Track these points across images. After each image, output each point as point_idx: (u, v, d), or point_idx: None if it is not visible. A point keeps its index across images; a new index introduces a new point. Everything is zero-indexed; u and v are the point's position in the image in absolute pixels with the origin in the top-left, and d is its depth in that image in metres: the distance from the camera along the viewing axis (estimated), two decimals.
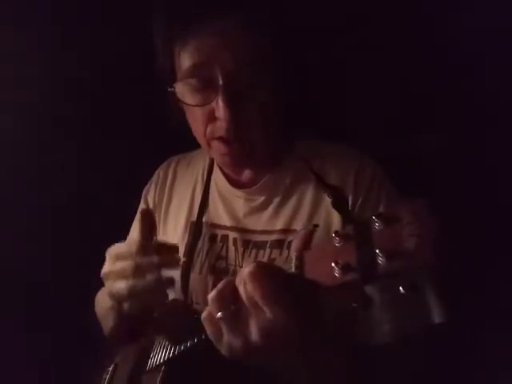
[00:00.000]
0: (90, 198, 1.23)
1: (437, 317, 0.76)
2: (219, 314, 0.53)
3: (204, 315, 0.55)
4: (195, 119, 0.82)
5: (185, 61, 0.77)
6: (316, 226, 0.82)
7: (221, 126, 0.78)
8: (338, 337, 0.57)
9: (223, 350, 0.54)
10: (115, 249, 0.75)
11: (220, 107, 0.75)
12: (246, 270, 0.52)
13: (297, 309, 0.50)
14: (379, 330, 0.76)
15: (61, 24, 1.15)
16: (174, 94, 0.81)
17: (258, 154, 0.84)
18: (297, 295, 0.51)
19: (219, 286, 0.55)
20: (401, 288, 0.43)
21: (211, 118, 0.79)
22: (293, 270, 0.53)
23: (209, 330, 0.55)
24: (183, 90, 0.80)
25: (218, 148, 0.82)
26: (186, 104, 0.81)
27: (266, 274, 0.51)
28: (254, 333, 0.51)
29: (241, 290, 0.52)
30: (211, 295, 0.54)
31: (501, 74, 0.98)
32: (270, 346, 0.51)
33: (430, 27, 1.01)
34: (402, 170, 0.90)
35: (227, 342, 0.53)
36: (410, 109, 1.06)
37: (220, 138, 0.80)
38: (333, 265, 0.47)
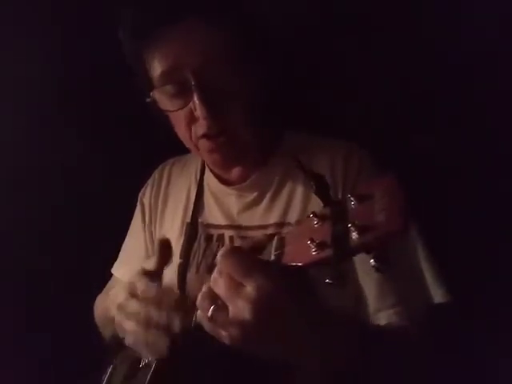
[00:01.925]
0: (89, 198, 1.23)
1: (437, 297, 0.77)
2: (210, 311, 0.54)
3: (199, 317, 0.57)
4: (179, 124, 0.83)
5: (156, 69, 0.79)
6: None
7: (202, 123, 0.79)
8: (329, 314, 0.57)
9: (226, 341, 0.54)
10: (134, 285, 0.71)
11: (197, 106, 0.76)
12: (218, 256, 0.54)
13: (276, 278, 0.51)
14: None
15: (61, 24, 1.15)
16: (153, 103, 0.82)
17: (246, 149, 0.85)
18: (274, 270, 0.52)
19: (202, 290, 0.56)
20: (372, 261, 0.44)
21: (192, 118, 0.80)
22: (273, 250, 0.54)
23: (207, 328, 0.55)
24: (161, 98, 0.81)
25: (205, 146, 0.83)
26: (166, 111, 0.82)
27: (238, 251, 0.54)
28: (244, 312, 0.51)
29: (220, 281, 0.53)
30: (198, 302, 0.56)
31: (501, 73, 0.98)
32: (264, 321, 0.51)
33: (430, 27, 1.01)
34: (403, 170, 0.89)
35: (226, 334, 0.53)
36: (409, 109, 1.06)
37: (204, 136, 0.81)
38: (309, 242, 0.48)
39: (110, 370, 0.87)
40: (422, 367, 0.72)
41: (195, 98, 0.76)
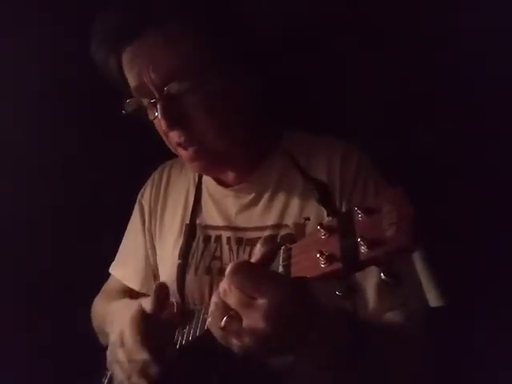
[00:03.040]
0: (89, 198, 1.23)
1: (433, 301, 0.77)
2: (222, 322, 0.54)
3: (209, 324, 0.57)
4: (160, 132, 0.84)
5: (130, 81, 0.80)
6: (307, 219, 0.83)
7: (172, 133, 0.80)
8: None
9: (237, 350, 0.55)
10: (124, 332, 0.74)
11: (160, 119, 0.77)
12: (226, 273, 0.54)
13: (286, 288, 0.52)
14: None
15: (61, 23, 1.15)
16: (133, 112, 0.82)
17: (228, 156, 0.84)
18: (283, 281, 0.53)
19: (212, 300, 0.57)
20: (382, 274, 0.44)
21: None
22: (280, 262, 0.54)
23: (218, 336, 0.56)
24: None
25: (182, 155, 0.84)
26: (148, 120, 0.83)
27: (247, 265, 0.55)
28: (259, 323, 0.51)
29: (231, 295, 0.54)
30: (210, 311, 0.57)
31: (501, 73, 0.98)
32: (278, 331, 0.51)
33: (430, 27, 1.01)
34: (402, 170, 0.89)
35: (239, 343, 0.54)
36: (410, 108, 1.06)
37: (178, 145, 0.82)
38: (318, 255, 0.48)
39: (109, 373, 0.87)
40: (420, 365, 0.73)
41: (158, 113, 0.77)
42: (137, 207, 1.04)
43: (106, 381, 0.87)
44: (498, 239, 0.99)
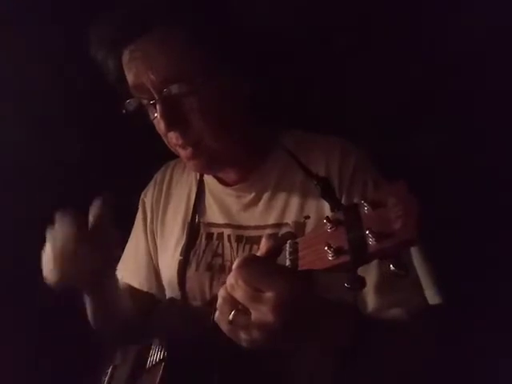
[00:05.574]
0: (89, 198, 1.23)
1: (432, 298, 0.77)
2: (231, 316, 0.54)
3: (217, 318, 0.57)
4: (159, 131, 0.84)
5: (129, 81, 0.80)
6: (307, 217, 0.83)
7: (170, 134, 0.81)
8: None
9: (245, 344, 0.55)
10: None
11: (159, 120, 0.78)
12: (233, 267, 0.54)
13: (293, 281, 0.52)
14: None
15: (62, 24, 1.15)
16: (132, 111, 0.83)
17: (225, 156, 0.85)
18: (289, 275, 0.53)
19: (220, 294, 0.56)
20: (391, 266, 0.45)
21: None
22: (287, 256, 0.55)
23: (226, 330, 0.56)
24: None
25: (181, 154, 0.84)
26: (148, 119, 0.83)
27: (253, 259, 0.55)
28: (268, 316, 0.51)
29: (239, 289, 0.53)
30: (218, 305, 0.57)
31: (501, 73, 0.98)
32: (286, 323, 0.52)
33: (431, 27, 1.01)
34: (402, 170, 0.89)
35: (247, 336, 0.54)
36: (410, 108, 1.06)
37: (177, 145, 0.82)
38: (326, 248, 0.48)
39: (110, 371, 0.87)
40: (421, 363, 0.73)
41: (158, 114, 0.77)
42: (140, 207, 1.05)
43: (106, 379, 0.87)
44: (498, 239, 1.00)
